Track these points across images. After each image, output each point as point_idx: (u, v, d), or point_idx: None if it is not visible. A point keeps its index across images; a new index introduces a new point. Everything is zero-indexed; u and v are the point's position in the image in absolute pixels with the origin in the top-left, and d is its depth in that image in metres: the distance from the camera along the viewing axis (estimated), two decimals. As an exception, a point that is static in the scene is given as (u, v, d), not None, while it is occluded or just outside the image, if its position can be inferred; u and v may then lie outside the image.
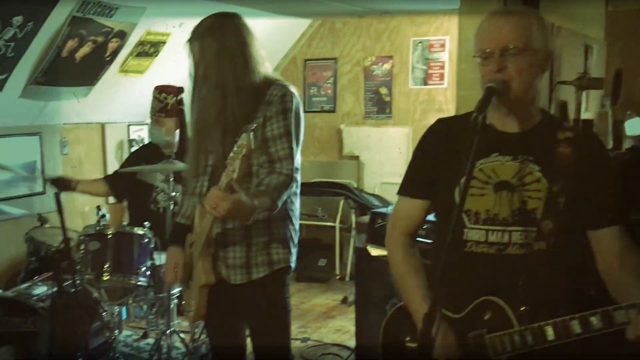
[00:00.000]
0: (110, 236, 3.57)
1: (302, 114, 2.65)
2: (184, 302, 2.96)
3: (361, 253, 4.10)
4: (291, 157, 2.56)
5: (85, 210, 5.75)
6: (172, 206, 3.63)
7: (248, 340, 2.85)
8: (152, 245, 3.68)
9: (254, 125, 2.37)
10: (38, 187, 5.37)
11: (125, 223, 3.85)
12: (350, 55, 7.11)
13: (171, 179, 3.78)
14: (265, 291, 2.62)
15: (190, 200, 2.77)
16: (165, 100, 4.20)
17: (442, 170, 2.05)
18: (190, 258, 2.65)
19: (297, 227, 2.73)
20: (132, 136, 6.34)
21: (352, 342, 4.46)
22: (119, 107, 6.01)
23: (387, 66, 6.92)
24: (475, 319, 1.94)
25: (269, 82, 2.60)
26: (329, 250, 6.57)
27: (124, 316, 4.43)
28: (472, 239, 1.99)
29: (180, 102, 4.25)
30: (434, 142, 2.13)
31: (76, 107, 5.53)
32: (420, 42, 6.70)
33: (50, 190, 5.30)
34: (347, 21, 7.04)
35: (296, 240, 2.72)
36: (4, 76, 4.55)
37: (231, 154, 2.28)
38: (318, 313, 5.59)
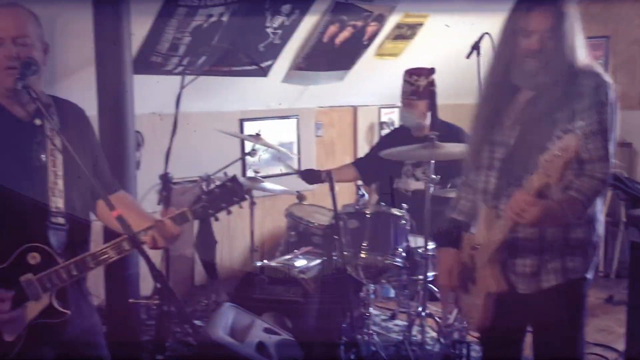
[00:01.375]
0: (368, 215, 3.84)
1: (617, 108, 2.39)
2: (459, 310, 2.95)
3: (637, 248, 3.92)
4: (606, 158, 2.33)
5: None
6: (431, 188, 3.79)
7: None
8: (408, 227, 3.89)
9: (582, 123, 2.24)
10: (294, 167, 5.87)
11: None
12: (626, 32, 6.75)
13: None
14: (555, 302, 2.44)
15: (467, 194, 2.68)
16: (416, 83, 4.38)
17: None
18: (472, 261, 2.55)
19: (600, 232, 2.48)
20: (383, 119, 6.64)
21: (619, 344, 4.33)
22: (372, 90, 6.35)
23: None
24: None
25: (582, 69, 2.37)
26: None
27: (372, 296, 4.72)
28: None
29: (431, 84, 4.40)
30: None
31: (331, 91, 5.96)
32: None
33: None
34: (623, -7, 6.71)
35: (597, 247, 2.48)
36: (270, 62, 5.07)
37: (548, 155, 2.11)
38: (579, 312, 5.44)
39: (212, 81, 4.92)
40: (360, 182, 4.45)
